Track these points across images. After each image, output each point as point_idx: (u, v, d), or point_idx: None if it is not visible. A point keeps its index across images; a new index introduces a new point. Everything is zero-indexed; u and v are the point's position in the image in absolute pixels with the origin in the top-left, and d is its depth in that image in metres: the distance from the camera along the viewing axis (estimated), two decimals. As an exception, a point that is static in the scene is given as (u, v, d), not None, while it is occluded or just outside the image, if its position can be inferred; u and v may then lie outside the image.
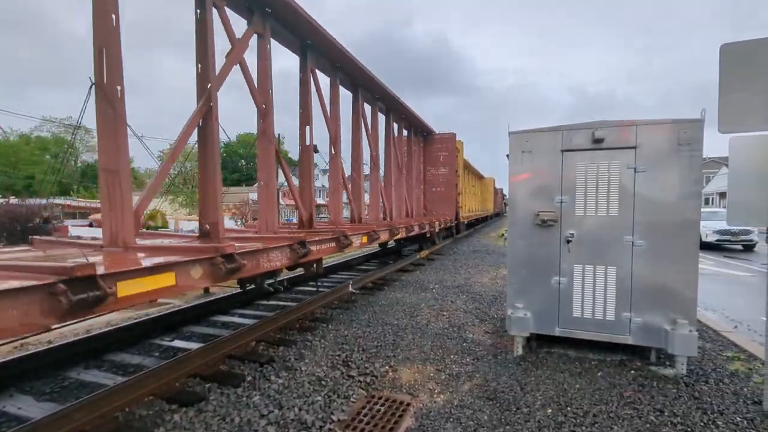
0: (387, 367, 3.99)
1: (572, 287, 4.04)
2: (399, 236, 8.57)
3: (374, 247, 11.87)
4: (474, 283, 8.01)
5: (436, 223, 11.71)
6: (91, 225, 34.87)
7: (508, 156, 4.39)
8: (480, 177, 23.43)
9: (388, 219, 9.71)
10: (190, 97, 4.36)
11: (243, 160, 75.48)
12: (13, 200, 19.45)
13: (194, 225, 23.65)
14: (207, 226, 4.45)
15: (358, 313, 5.84)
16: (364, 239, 6.52)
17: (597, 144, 3.88)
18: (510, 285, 4.31)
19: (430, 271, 9.41)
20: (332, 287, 7.27)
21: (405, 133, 11.67)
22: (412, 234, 9.53)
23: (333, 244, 5.48)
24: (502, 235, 16.81)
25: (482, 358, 4.17)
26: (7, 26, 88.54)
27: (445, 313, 5.83)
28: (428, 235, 11.63)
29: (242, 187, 50.06)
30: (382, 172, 9.82)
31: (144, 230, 6.11)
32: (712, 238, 14.84)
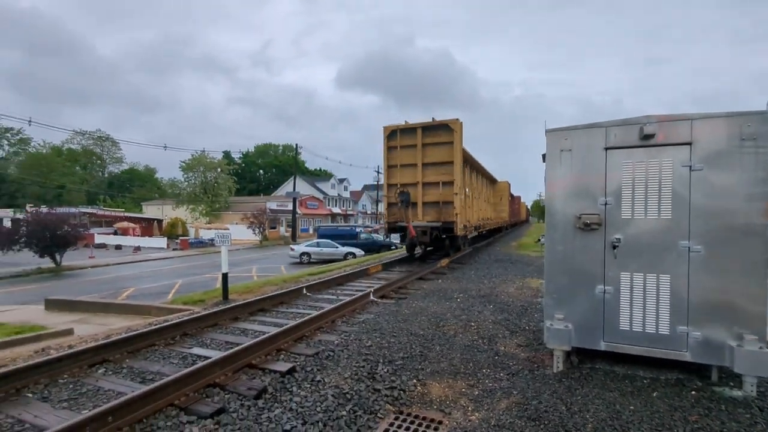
0: (415, 381, 3.72)
1: (619, 297, 3.69)
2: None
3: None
4: (500, 293, 7.64)
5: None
6: (115, 233, 35.74)
7: (544, 156, 4.12)
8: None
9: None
10: (205, 112, 4.24)
11: (261, 170, 76.59)
12: (43, 209, 20.03)
13: (213, 233, 23.82)
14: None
15: (380, 323, 5.58)
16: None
17: (646, 140, 3.57)
18: (548, 294, 3.99)
19: (452, 280, 9.08)
20: (352, 295, 7.05)
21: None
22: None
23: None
24: (539, 240, 16.09)
25: (518, 374, 3.85)
26: (50, 51, 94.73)
27: (473, 324, 5.51)
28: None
29: (259, 197, 50.67)
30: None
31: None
32: None
